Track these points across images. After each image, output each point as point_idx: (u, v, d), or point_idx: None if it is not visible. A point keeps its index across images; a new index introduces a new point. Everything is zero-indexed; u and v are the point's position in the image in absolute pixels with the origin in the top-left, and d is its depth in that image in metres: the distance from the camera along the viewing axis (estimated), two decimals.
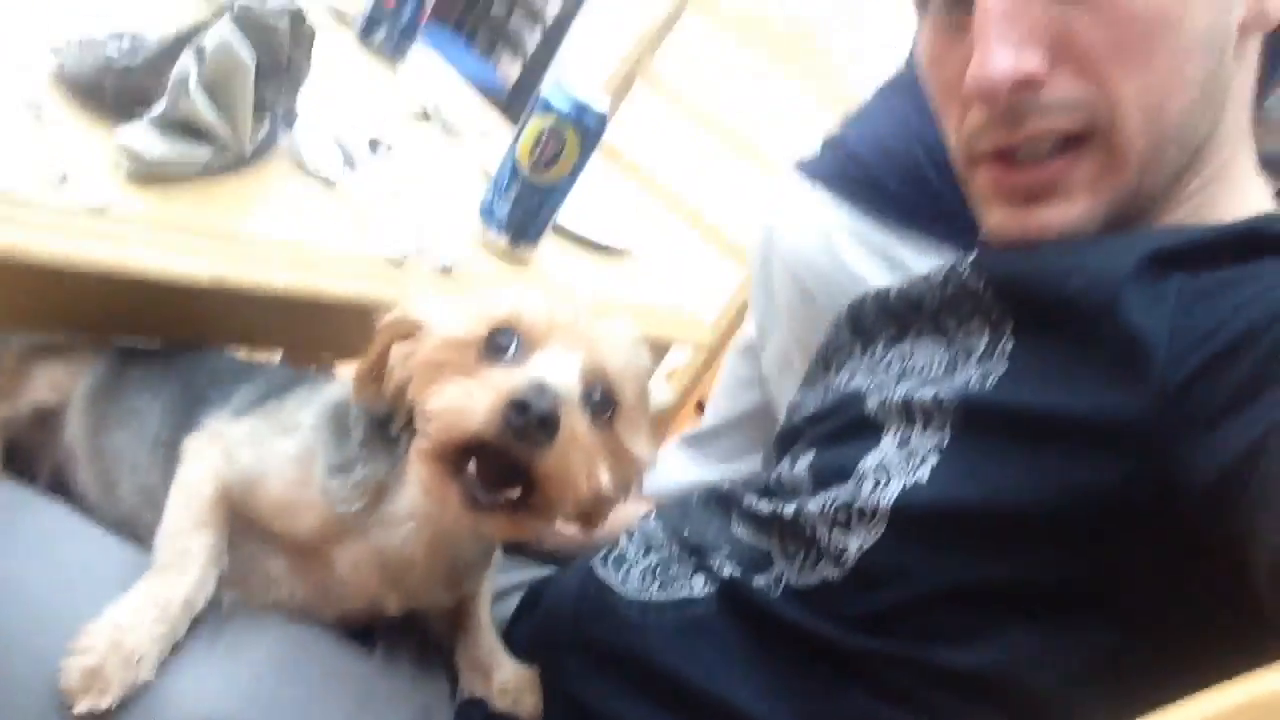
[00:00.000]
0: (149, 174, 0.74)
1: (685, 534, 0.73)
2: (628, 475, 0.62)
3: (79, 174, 0.70)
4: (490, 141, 1.27)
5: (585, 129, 0.98)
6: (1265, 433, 0.46)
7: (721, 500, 0.76)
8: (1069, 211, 0.64)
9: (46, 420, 0.77)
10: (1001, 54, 0.60)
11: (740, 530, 0.71)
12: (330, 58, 1.24)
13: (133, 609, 0.58)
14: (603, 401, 0.59)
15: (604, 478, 0.57)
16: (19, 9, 0.87)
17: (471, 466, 0.55)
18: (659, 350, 1.24)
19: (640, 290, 1.16)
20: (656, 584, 0.70)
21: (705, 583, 0.68)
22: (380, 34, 1.35)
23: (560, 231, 1.14)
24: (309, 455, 0.65)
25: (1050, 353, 0.58)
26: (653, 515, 0.77)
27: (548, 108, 0.97)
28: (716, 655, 0.65)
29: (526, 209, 1.00)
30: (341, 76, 1.27)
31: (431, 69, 1.45)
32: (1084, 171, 0.63)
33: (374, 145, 1.02)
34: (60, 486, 0.76)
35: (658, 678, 0.65)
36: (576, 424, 0.55)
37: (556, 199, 1.02)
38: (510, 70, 3.52)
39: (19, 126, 0.71)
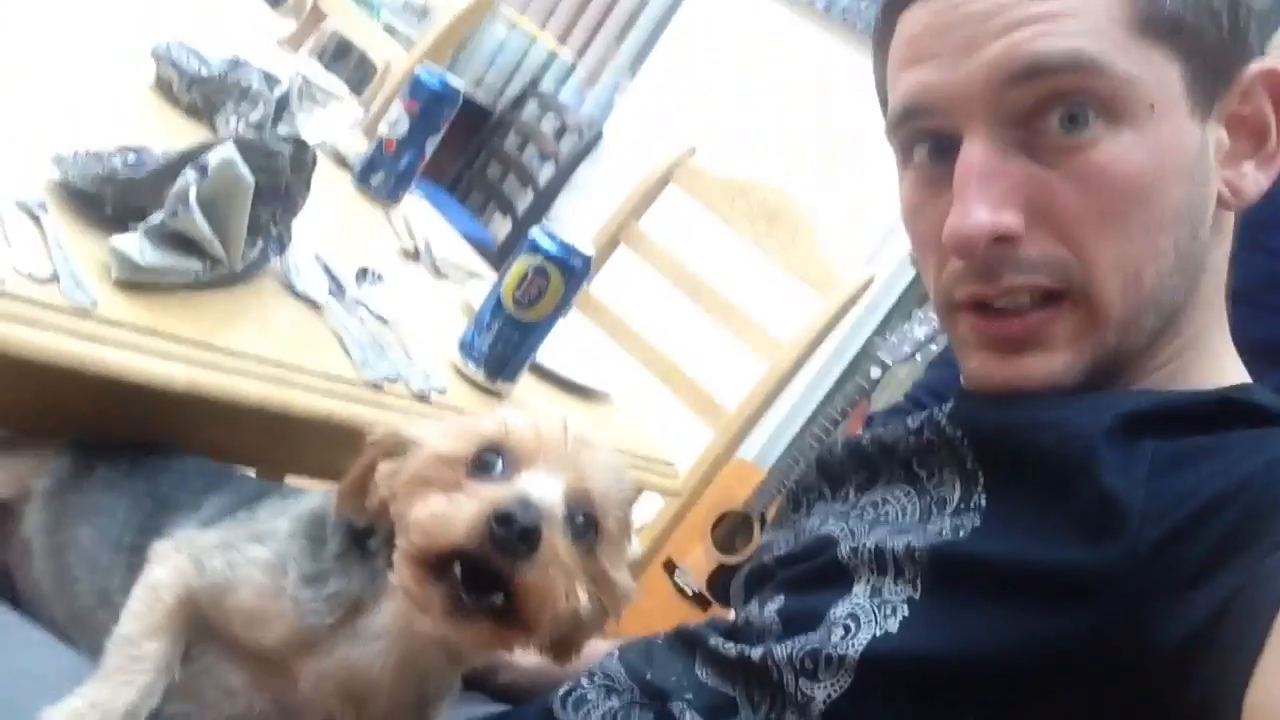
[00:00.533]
0: (137, 281, 0.75)
1: (648, 676, 0.70)
2: (607, 603, 0.62)
3: (69, 275, 0.71)
4: (476, 284, 1.29)
5: (570, 270, 1.01)
6: (1227, 599, 0.47)
7: (687, 640, 0.74)
8: (1050, 363, 0.64)
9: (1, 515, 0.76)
10: (979, 210, 0.61)
11: (704, 673, 0.69)
12: (327, 195, 1.29)
13: (72, 712, 0.56)
14: (585, 525, 0.59)
15: (583, 598, 0.58)
16: (25, 118, 0.91)
17: (456, 570, 0.55)
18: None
19: (614, 436, 1.17)
20: None
21: None
22: (378, 177, 1.40)
23: (538, 371, 1.16)
24: (282, 563, 0.64)
25: (1023, 507, 0.59)
26: (616, 655, 0.75)
27: (535, 248, 1.00)
28: None
29: (507, 344, 1.02)
30: (337, 212, 1.31)
31: (424, 215, 1.50)
32: (1064, 326, 0.63)
33: (362, 274, 1.04)
34: (4, 587, 0.73)
35: None
36: (558, 541, 0.55)
37: (537, 337, 1.03)
38: (500, 229, 3.64)
39: (15, 226, 0.72)
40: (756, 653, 0.64)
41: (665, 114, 1.99)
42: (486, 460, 0.59)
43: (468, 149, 3.70)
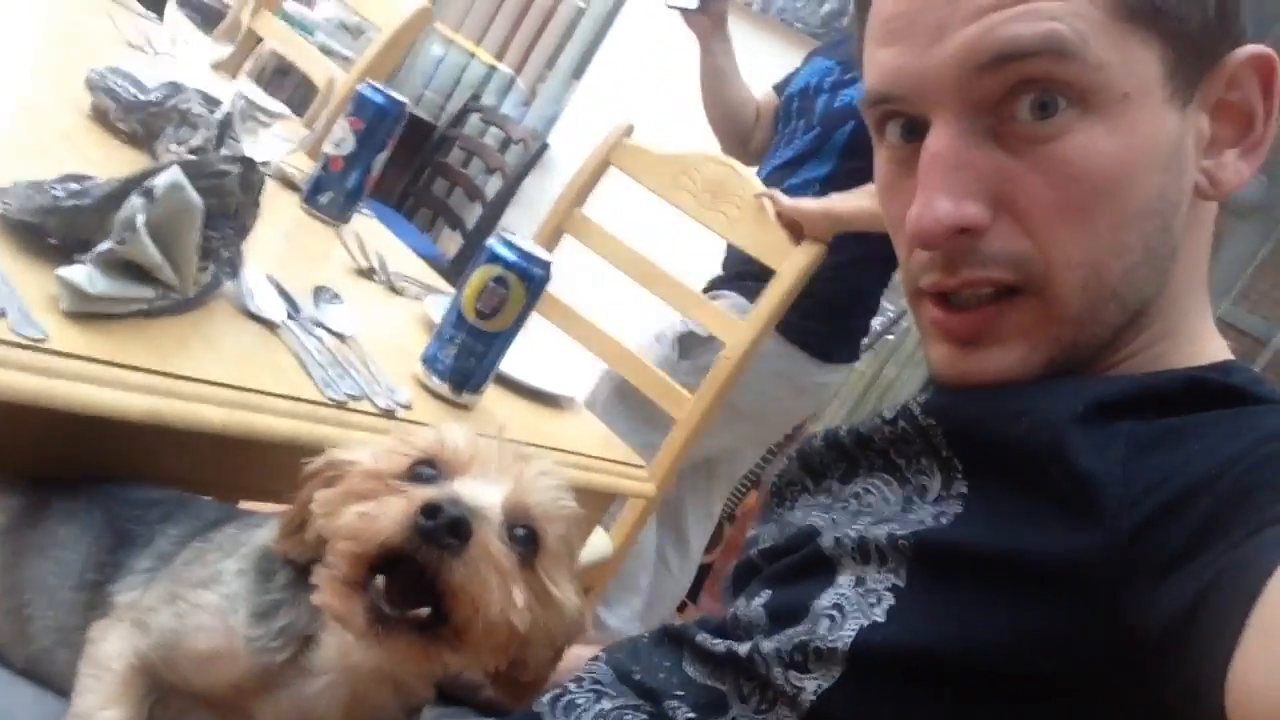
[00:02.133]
0: (88, 311, 0.73)
1: (636, 676, 0.70)
2: (551, 622, 0.60)
3: (15, 309, 0.68)
4: (434, 299, 1.28)
5: (531, 278, 1.00)
6: (1206, 585, 0.46)
7: (673, 638, 0.73)
8: (1005, 357, 0.63)
9: None
10: (941, 203, 0.60)
11: (693, 670, 0.69)
12: (276, 217, 1.27)
13: None
14: (525, 538, 0.58)
15: (519, 604, 0.55)
16: None
17: (379, 580, 0.53)
18: (600, 502, 1.22)
19: (582, 441, 1.16)
20: None
21: None
22: (326, 197, 1.38)
23: (503, 380, 1.15)
24: (231, 605, 0.62)
25: (1003, 494, 0.59)
26: (602, 658, 0.74)
27: (494, 258, 0.99)
28: None
29: (470, 356, 1.01)
30: (287, 233, 1.29)
31: (375, 232, 1.48)
32: (1018, 320, 0.63)
33: (318, 293, 1.03)
34: None
35: None
36: (491, 539, 0.54)
37: (500, 347, 1.03)
38: (450, 244, 3.61)
39: None
40: (744, 649, 0.63)
41: (610, 121, 1.98)
42: (421, 473, 0.58)
43: (412, 166, 3.66)
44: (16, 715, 0.60)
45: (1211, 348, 0.66)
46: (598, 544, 1.68)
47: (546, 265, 1.01)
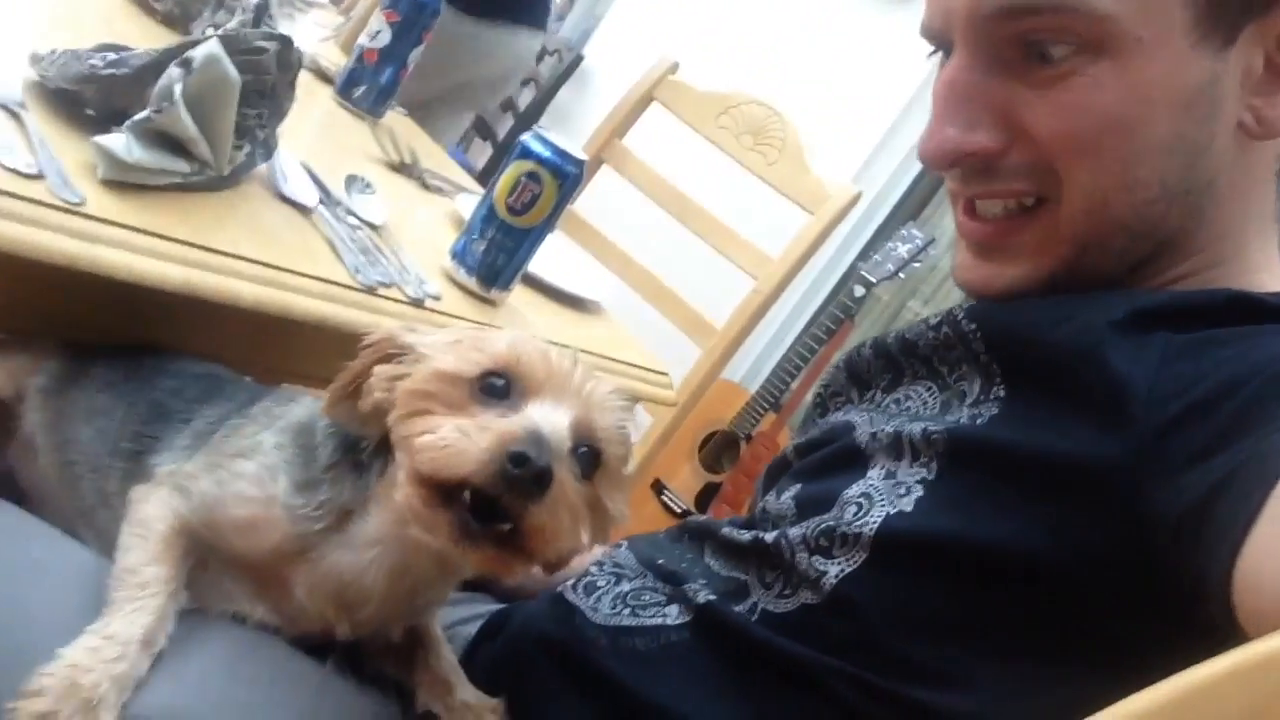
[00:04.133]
0: (125, 180, 0.73)
1: (659, 561, 0.72)
2: (602, 530, 0.62)
3: (55, 173, 0.69)
4: (464, 198, 1.28)
5: (564, 175, 0.99)
6: (1226, 476, 0.47)
7: (695, 533, 0.75)
8: (1011, 270, 0.67)
9: None
10: (948, 130, 0.64)
11: (715, 562, 0.70)
12: (309, 107, 1.26)
13: (88, 649, 0.54)
14: (588, 457, 0.59)
15: (584, 536, 0.58)
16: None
17: (466, 496, 0.55)
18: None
19: (608, 345, 1.16)
20: (628, 610, 0.68)
21: (680, 611, 0.67)
22: (359, 91, 1.37)
23: (531, 281, 1.15)
24: (271, 474, 0.63)
25: (1039, 398, 0.60)
26: (624, 545, 0.76)
27: (527, 153, 0.99)
28: (689, 679, 0.63)
29: (501, 251, 1.01)
30: (319, 124, 1.28)
31: (408, 130, 1.47)
32: (1029, 236, 0.66)
33: (351, 181, 1.03)
34: (8, 488, 0.73)
35: (627, 701, 0.63)
36: (567, 481, 0.55)
37: (531, 244, 1.02)
38: (480, 155, 3.59)
39: None
40: (770, 536, 0.65)
41: (648, 33, 1.95)
42: (493, 384, 0.58)
43: None
44: (55, 567, 0.62)
45: (1271, 280, 0.66)
46: None
47: (580, 163, 1.00)
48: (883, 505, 0.60)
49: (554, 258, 1.18)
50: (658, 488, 2.57)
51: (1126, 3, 0.58)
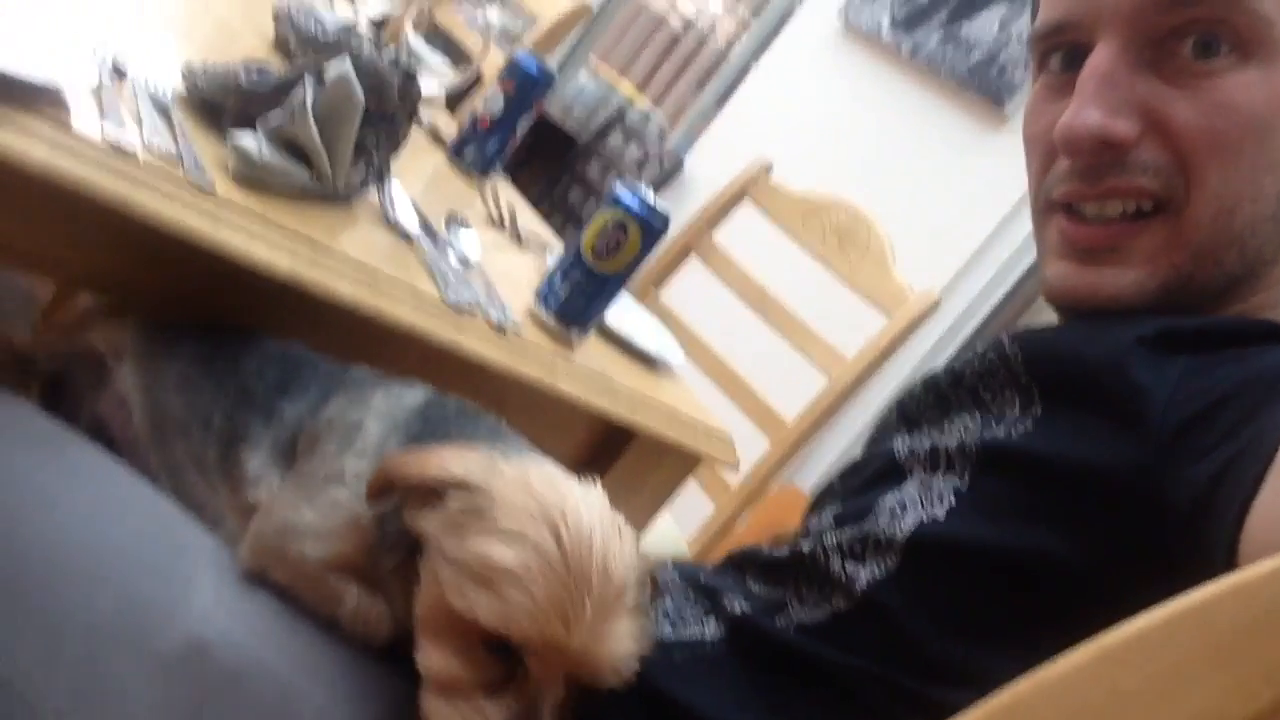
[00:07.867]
0: (252, 177, 0.81)
1: (701, 580, 0.73)
2: None
3: (192, 159, 0.76)
4: (554, 256, 1.34)
5: (649, 227, 1.05)
6: (1235, 454, 0.49)
7: (737, 564, 0.76)
8: (1121, 277, 0.66)
9: (94, 368, 0.81)
10: (1092, 111, 0.64)
11: (756, 585, 0.71)
12: (420, 165, 1.35)
13: None
14: None
15: None
16: (153, 35, 0.98)
17: None
18: (687, 463, 1.25)
19: (675, 403, 1.19)
20: (668, 625, 0.69)
21: (717, 624, 0.68)
22: (470, 152, 1.46)
23: (607, 334, 1.19)
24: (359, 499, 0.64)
25: (1070, 412, 0.61)
26: (669, 566, 0.77)
27: (616, 202, 1.04)
28: (723, 686, 0.64)
29: (582, 294, 1.06)
30: (429, 179, 1.37)
31: (509, 192, 1.56)
32: (1146, 242, 0.65)
33: (451, 219, 1.10)
34: (98, 436, 0.78)
35: (662, 706, 0.64)
36: None
37: (611, 289, 1.07)
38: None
39: (147, 114, 0.79)
40: (807, 546, 0.66)
41: (748, 147, 2.05)
42: (498, 652, 0.55)
43: (551, 172, 3.79)
44: (138, 509, 0.65)
45: None
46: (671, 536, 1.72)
47: (665, 219, 1.06)
48: (916, 512, 0.61)
49: (635, 319, 1.22)
50: None
51: None
